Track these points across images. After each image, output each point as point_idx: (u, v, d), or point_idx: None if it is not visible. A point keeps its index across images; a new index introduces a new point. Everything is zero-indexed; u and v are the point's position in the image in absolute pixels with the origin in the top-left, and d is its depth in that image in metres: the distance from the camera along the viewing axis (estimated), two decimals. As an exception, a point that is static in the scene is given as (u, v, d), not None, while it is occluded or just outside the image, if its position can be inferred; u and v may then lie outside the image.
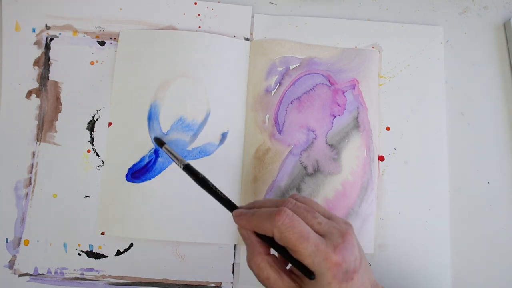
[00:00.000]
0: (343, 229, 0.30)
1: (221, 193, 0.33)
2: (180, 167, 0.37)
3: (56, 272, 0.43)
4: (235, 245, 0.45)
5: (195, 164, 0.45)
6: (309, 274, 0.28)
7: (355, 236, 0.30)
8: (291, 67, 0.47)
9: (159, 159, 0.45)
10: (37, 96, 0.46)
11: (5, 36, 0.47)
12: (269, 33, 0.49)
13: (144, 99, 0.46)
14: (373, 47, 0.49)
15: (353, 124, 0.46)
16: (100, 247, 0.44)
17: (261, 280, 0.30)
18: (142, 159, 0.45)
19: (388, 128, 0.47)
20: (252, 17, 0.50)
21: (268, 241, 0.30)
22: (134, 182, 0.44)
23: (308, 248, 0.28)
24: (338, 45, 0.49)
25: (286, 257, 0.29)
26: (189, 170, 0.36)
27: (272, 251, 0.31)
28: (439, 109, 0.48)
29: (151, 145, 0.45)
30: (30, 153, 0.45)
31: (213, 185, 0.34)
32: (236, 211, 0.32)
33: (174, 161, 0.39)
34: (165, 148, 0.42)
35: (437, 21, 0.51)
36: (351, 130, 0.46)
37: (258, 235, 0.31)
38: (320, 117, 0.46)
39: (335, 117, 0.46)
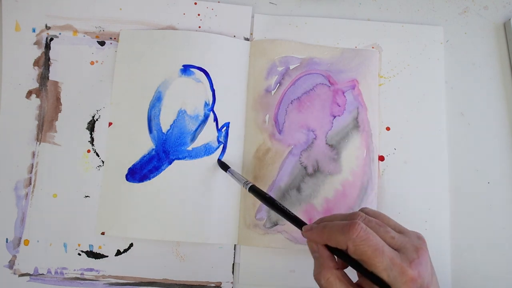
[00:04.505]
0: (417, 244, 0.29)
1: (289, 211, 0.34)
2: (246, 188, 0.38)
3: (56, 272, 0.43)
4: (235, 245, 0.45)
5: (195, 163, 0.45)
6: (386, 287, 0.27)
7: (428, 251, 0.30)
8: (291, 67, 0.47)
9: (159, 159, 0.45)
10: (37, 96, 0.46)
11: (5, 36, 0.47)
12: (269, 33, 0.49)
13: (144, 99, 0.46)
14: (373, 47, 0.49)
15: (353, 124, 0.46)
16: (100, 247, 0.44)
17: None
18: (142, 159, 0.45)
19: (388, 128, 0.47)
20: (252, 17, 0.50)
21: (339, 253, 0.30)
22: (134, 182, 0.44)
23: (384, 261, 0.27)
24: (338, 45, 0.49)
25: (360, 270, 0.29)
26: (255, 191, 0.37)
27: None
28: (439, 109, 0.48)
29: (151, 145, 0.45)
30: (30, 153, 0.45)
31: (280, 204, 0.34)
32: (306, 226, 0.32)
33: (239, 183, 0.40)
34: (230, 171, 0.42)
35: (437, 21, 0.51)
36: (351, 130, 0.46)
37: (328, 248, 0.30)
38: (320, 117, 0.46)
39: (335, 117, 0.46)
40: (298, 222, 0.33)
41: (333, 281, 0.29)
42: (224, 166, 0.44)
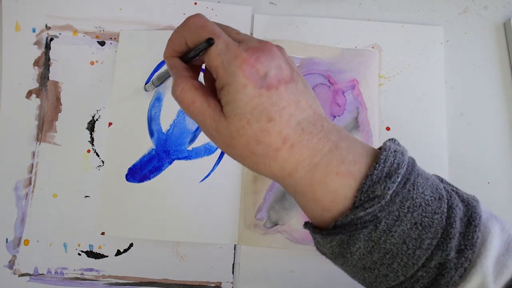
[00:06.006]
0: (264, 41, 0.26)
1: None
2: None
3: (56, 272, 0.43)
4: (235, 245, 0.45)
5: (195, 163, 0.45)
6: (208, 41, 0.25)
7: (284, 52, 0.26)
8: (291, 67, 0.47)
9: (159, 159, 0.45)
10: (37, 96, 0.46)
11: (5, 36, 0.47)
12: (269, 33, 0.49)
13: (144, 99, 0.46)
14: (373, 47, 0.49)
15: (352, 124, 0.46)
16: (100, 247, 0.44)
17: (186, 106, 0.26)
18: (142, 159, 0.45)
19: (388, 128, 0.47)
20: (252, 17, 0.50)
21: (188, 58, 0.28)
22: (134, 182, 0.44)
23: (218, 45, 0.24)
24: (338, 45, 0.49)
25: (195, 55, 0.26)
26: (156, 81, 0.36)
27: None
28: (439, 109, 0.48)
29: (151, 145, 0.45)
30: (30, 153, 0.45)
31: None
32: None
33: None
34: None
35: (437, 21, 0.51)
36: (351, 130, 0.46)
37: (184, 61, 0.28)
38: (320, 117, 0.46)
39: (335, 117, 0.46)
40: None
41: (189, 89, 0.26)
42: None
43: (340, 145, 0.25)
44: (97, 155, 0.46)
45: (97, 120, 0.46)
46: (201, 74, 0.30)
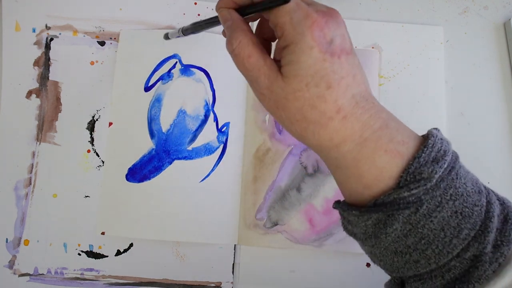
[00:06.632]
0: (332, 8, 0.26)
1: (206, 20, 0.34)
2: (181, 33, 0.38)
3: (56, 272, 0.43)
4: (235, 245, 0.45)
5: (195, 163, 0.45)
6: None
7: (345, 23, 0.27)
8: (291, 67, 0.47)
9: (160, 159, 0.45)
10: (37, 96, 0.46)
11: (5, 36, 0.47)
12: (269, 33, 0.49)
13: (144, 99, 0.46)
14: (373, 47, 0.49)
15: (353, 124, 0.46)
16: (100, 247, 0.44)
17: (241, 61, 0.26)
18: (142, 159, 0.45)
19: (388, 128, 0.47)
20: (252, 17, 0.50)
21: (249, 11, 0.27)
22: (134, 182, 0.44)
23: (290, 3, 0.24)
24: (338, 45, 0.49)
25: (262, 9, 0.26)
26: (188, 29, 0.37)
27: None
28: (439, 109, 0.48)
29: (151, 145, 0.45)
30: (30, 153, 0.45)
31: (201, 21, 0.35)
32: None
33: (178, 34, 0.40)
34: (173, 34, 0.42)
35: (437, 21, 0.51)
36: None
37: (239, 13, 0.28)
38: (320, 117, 0.46)
39: (335, 117, 0.46)
40: (213, 20, 0.32)
41: (246, 43, 0.25)
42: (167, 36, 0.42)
43: (390, 124, 0.26)
44: (97, 155, 0.46)
45: (97, 120, 0.46)
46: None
